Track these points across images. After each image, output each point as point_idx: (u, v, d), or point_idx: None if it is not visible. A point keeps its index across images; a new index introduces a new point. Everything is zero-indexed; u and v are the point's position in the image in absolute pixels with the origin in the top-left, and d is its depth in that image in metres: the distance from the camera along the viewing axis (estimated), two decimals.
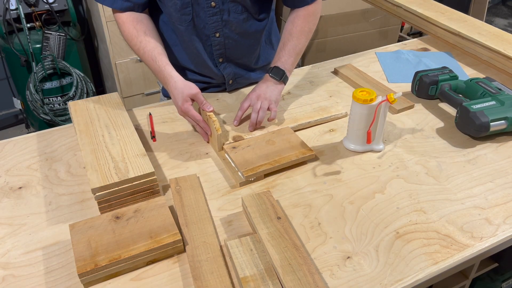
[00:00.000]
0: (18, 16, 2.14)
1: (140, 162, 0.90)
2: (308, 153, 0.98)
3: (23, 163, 1.00)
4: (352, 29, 2.68)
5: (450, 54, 1.45)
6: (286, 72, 1.10)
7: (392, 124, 1.12)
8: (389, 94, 0.93)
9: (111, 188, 0.84)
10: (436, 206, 0.88)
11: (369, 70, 1.37)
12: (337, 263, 0.76)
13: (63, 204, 0.89)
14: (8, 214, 0.87)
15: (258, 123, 1.05)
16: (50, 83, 2.27)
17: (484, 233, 0.82)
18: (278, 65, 1.10)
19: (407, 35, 3.23)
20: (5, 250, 0.80)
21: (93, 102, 1.11)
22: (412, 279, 0.74)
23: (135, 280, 0.74)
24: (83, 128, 1.01)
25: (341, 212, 0.87)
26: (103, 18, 2.14)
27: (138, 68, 2.34)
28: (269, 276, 0.72)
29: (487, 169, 0.98)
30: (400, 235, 0.82)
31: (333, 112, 1.14)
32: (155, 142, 1.06)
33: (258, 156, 0.97)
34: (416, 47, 1.52)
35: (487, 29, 1.43)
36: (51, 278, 0.75)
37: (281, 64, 1.10)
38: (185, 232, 0.80)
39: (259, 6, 1.13)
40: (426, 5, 1.59)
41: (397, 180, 0.94)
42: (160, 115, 1.17)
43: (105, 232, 0.78)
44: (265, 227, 0.80)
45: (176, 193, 0.89)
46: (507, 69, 1.31)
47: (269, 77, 1.09)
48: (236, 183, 0.94)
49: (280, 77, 1.09)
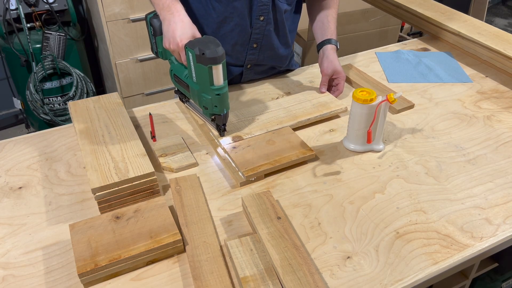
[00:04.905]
0: (18, 16, 2.14)
1: (140, 162, 0.90)
2: (308, 153, 0.98)
3: (23, 163, 1.00)
4: (352, 29, 2.68)
5: (450, 54, 1.45)
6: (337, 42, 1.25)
7: (392, 124, 1.12)
8: (389, 94, 0.93)
9: (111, 188, 0.84)
10: (436, 206, 0.88)
11: (369, 70, 1.37)
12: (337, 263, 0.76)
13: (63, 204, 0.89)
14: (8, 214, 0.87)
15: None
16: (50, 83, 2.27)
17: (484, 233, 0.82)
18: (331, 37, 1.24)
19: (407, 35, 3.23)
20: (5, 250, 0.80)
21: (93, 102, 1.11)
22: (412, 279, 0.74)
23: (135, 280, 0.74)
24: (83, 128, 1.01)
25: (341, 212, 0.87)
26: (103, 18, 2.14)
27: (138, 68, 2.34)
28: (269, 276, 0.72)
29: (487, 169, 0.98)
30: (400, 235, 0.82)
31: (333, 108, 1.14)
32: (155, 142, 1.06)
33: (259, 156, 0.97)
34: (416, 47, 1.52)
35: (487, 29, 1.43)
36: (51, 278, 0.75)
37: (332, 34, 1.24)
38: (185, 232, 0.80)
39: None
40: (426, 5, 1.59)
41: (397, 180, 0.94)
42: (160, 115, 1.17)
43: (105, 232, 0.78)
44: (265, 227, 0.80)
45: (176, 193, 0.89)
46: (507, 69, 1.31)
47: (335, 48, 1.23)
48: (236, 183, 0.94)
49: (338, 46, 1.25)
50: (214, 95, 0.95)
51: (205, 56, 0.89)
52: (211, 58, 0.89)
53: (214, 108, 0.98)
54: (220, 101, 0.97)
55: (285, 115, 1.11)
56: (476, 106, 1.19)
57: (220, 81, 0.94)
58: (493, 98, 1.23)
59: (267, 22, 1.16)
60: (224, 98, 0.97)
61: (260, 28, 1.17)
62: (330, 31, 1.24)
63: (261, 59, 1.25)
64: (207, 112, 1.01)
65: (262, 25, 1.16)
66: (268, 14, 1.14)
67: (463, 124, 1.12)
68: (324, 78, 1.20)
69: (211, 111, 0.99)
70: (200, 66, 0.92)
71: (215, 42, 0.92)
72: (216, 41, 0.92)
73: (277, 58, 1.28)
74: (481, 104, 1.20)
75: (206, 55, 0.89)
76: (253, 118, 1.10)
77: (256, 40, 1.19)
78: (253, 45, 1.20)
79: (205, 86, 0.96)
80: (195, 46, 0.91)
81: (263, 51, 1.23)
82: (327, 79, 1.20)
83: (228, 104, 1.00)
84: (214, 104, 0.97)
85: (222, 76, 0.94)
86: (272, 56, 1.25)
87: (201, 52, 0.90)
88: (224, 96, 0.97)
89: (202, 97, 0.99)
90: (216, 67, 0.91)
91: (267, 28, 1.17)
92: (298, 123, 1.09)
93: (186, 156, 1.00)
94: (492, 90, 1.27)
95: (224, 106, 0.98)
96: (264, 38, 1.20)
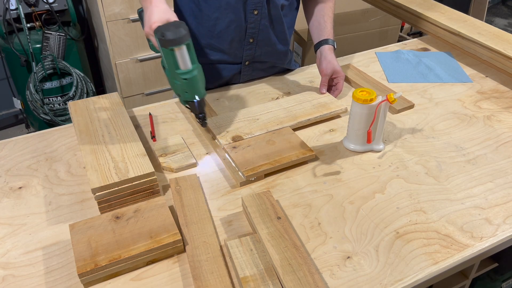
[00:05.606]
0: (18, 16, 2.14)
1: (140, 162, 0.90)
2: (308, 154, 0.98)
3: (23, 163, 1.00)
4: (352, 29, 2.68)
5: (450, 54, 1.45)
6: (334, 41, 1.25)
7: (392, 124, 1.12)
8: (389, 94, 0.93)
9: (111, 188, 0.84)
10: (436, 206, 0.88)
11: (369, 70, 1.37)
12: (337, 263, 0.76)
13: (63, 204, 0.89)
14: (8, 214, 0.87)
15: None
16: (50, 83, 2.27)
17: (484, 233, 0.82)
18: (328, 37, 1.24)
19: (407, 35, 3.23)
20: (5, 250, 0.80)
21: (93, 102, 1.11)
22: (412, 279, 0.74)
23: (135, 280, 0.74)
24: (83, 128, 1.01)
25: (341, 212, 0.87)
26: (103, 18, 2.14)
27: (138, 68, 2.35)
28: (269, 276, 0.72)
29: (487, 169, 0.98)
30: (400, 235, 0.82)
31: (333, 108, 1.14)
32: (155, 142, 1.06)
33: (259, 156, 0.97)
34: (416, 47, 1.52)
35: (487, 29, 1.43)
36: (51, 278, 0.75)
37: (329, 35, 1.25)
38: (185, 232, 0.80)
39: None
40: (426, 5, 1.59)
41: (397, 180, 0.94)
42: (160, 115, 1.17)
43: (105, 232, 0.78)
44: (265, 227, 0.80)
45: (176, 193, 0.89)
46: (507, 69, 1.31)
47: (332, 48, 1.23)
48: (236, 183, 0.94)
49: (335, 46, 1.25)
50: (182, 80, 0.91)
51: (165, 38, 0.86)
52: (171, 40, 0.86)
53: (185, 94, 0.95)
54: (190, 86, 0.93)
55: (285, 116, 1.11)
56: (476, 106, 1.19)
57: (186, 65, 0.91)
58: (493, 98, 1.23)
59: (262, 16, 1.16)
60: (194, 83, 0.93)
61: (255, 23, 1.17)
62: (327, 31, 1.24)
63: (259, 54, 1.25)
64: (182, 100, 0.97)
65: (257, 19, 1.16)
66: (262, 8, 1.15)
67: (463, 124, 1.12)
68: (324, 79, 1.20)
69: (184, 98, 0.96)
70: (164, 50, 0.89)
71: (179, 24, 0.89)
72: (181, 24, 0.89)
73: (275, 54, 1.28)
74: (481, 104, 1.20)
75: (166, 37, 0.86)
76: (253, 118, 1.10)
77: (252, 34, 1.19)
78: (249, 40, 1.20)
79: (173, 72, 0.92)
80: (159, 30, 0.88)
81: (260, 47, 1.23)
82: (327, 79, 1.20)
83: (202, 90, 0.96)
84: (184, 90, 0.94)
85: (189, 60, 0.90)
86: (269, 52, 1.25)
87: (162, 35, 0.87)
88: (193, 80, 0.92)
89: (173, 84, 0.95)
90: (178, 49, 0.88)
91: (262, 23, 1.17)
92: (298, 124, 1.09)
93: (186, 156, 1.00)
94: (492, 90, 1.27)
95: (195, 92, 0.94)
96: (260, 33, 1.20)
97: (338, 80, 1.21)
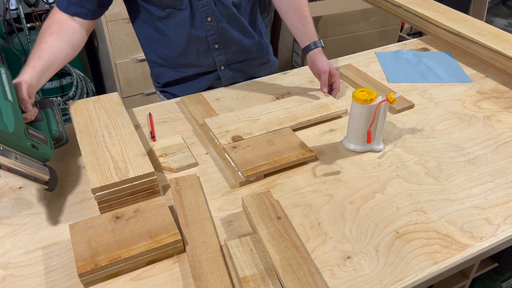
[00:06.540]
0: (18, 16, 2.15)
1: (140, 162, 0.90)
2: (308, 154, 0.98)
3: None
4: (352, 29, 2.68)
5: (450, 54, 1.45)
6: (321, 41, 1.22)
7: (392, 124, 1.12)
8: (389, 94, 0.93)
9: (111, 188, 0.84)
10: (436, 206, 0.88)
11: (369, 70, 1.37)
12: (337, 263, 0.76)
13: (63, 204, 0.89)
14: (8, 214, 0.87)
15: None
16: (50, 83, 2.27)
17: (484, 233, 0.82)
18: (313, 39, 1.20)
19: (407, 35, 3.23)
20: (5, 250, 0.80)
21: (93, 102, 1.11)
22: (412, 279, 0.74)
23: (135, 280, 0.75)
24: (83, 128, 1.01)
25: (341, 212, 0.87)
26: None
27: (138, 68, 2.35)
28: (269, 276, 0.72)
29: (487, 169, 0.98)
30: (400, 235, 0.82)
31: (333, 109, 1.14)
32: (155, 142, 1.06)
33: (258, 156, 0.97)
34: (416, 47, 1.52)
35: (487, 29, 1.43)
36: (51, 278, 0.75)
37: (313, 36, 1.20)
38: (185, 232, 0.80)
39: None
40: (426, 5, 1.59)
41: (397, 180, 0.94)
42: (160, 115, 1.17)
43: (105, 232, 0.78)
44: (265, 227, 0.80)
45: (176, 193, 0.89)
46: (507, 69, 1.31)
47: (321, 50, 1.20)
48: (236, 183, 0.94)
49: (323, 45, 1.22)
50: None
51: None
52: None
53: None
54: None
55: (285, 116, 1.11)
56: (476, 106, 1.19)
57: None
58: (493, 98, 1.23)
59: (216, 20, 1.15)
60: None
61: (213, 29, 1.16)
62: (310, 34, 1.20)
63: (230, 56, 1.24)
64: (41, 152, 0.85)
65: (213, 25, 1.15)
66: (214, 13, 1.13)
67: (463, 124, 1.12)
68: (324, 76, 1.18)
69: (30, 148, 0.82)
70: None
71: None
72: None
73: (245, 51, 1.26)
74: (481, 104, 1.20)
75: None
76: (253, 118, 1.10)
77: (215, 40, 1.18)
78: (215, 47, 1.19)
79: None
80: None
81: (228, 48, 1.22)
82: (327, 77, 1.19)
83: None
84: None
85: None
86: (239, 50, 1.24)
87: None
88: None
89: None
90: None
91: (219, 26, 1.16)
92: (298, 124, 1.09)
93: (186, 156, 1.00)
94: (492, 90, 1.27)
95: None
96: (222, 36, 1.18)
97: (335, 79, 1.20)
